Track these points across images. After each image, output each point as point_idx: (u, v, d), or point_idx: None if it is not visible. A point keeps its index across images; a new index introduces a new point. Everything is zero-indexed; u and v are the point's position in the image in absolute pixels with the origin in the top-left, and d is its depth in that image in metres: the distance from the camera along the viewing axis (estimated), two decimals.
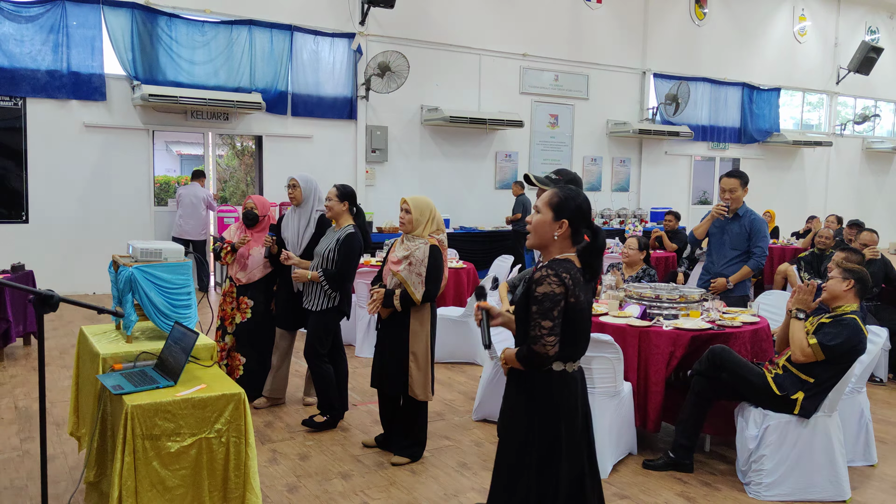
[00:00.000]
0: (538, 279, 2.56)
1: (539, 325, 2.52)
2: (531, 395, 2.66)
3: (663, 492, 3.99)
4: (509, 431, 2.74)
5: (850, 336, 3.82)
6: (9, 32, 9.20)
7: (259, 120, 10.94)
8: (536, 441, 2.64)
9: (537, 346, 2.52)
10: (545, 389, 2.64)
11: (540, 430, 2.64)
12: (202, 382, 3.20)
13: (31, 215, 9.58)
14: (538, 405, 2.65)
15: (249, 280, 5.13)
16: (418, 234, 4.22)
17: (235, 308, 5.18)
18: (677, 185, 15.62)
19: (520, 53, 13.16)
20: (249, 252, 5.12)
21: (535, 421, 2.65)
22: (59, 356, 6.62)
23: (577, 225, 2.66)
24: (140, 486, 2.94)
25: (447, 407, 5.39)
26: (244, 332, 5.14)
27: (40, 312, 2.38)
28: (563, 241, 2.66)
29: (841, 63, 17.52)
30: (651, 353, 4.33)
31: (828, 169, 17.99)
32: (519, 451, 2.68)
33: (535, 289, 2.55)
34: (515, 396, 2.72)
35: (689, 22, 15.23)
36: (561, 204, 2.65)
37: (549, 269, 2.57)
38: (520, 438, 2.68)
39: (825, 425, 3.91)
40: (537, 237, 2.69)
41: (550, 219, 2.65)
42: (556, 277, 2.54)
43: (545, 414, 2.64)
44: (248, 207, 5.23)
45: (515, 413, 2.71)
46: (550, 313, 2.52)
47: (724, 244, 5.37)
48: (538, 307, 2.53)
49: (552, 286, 2.53)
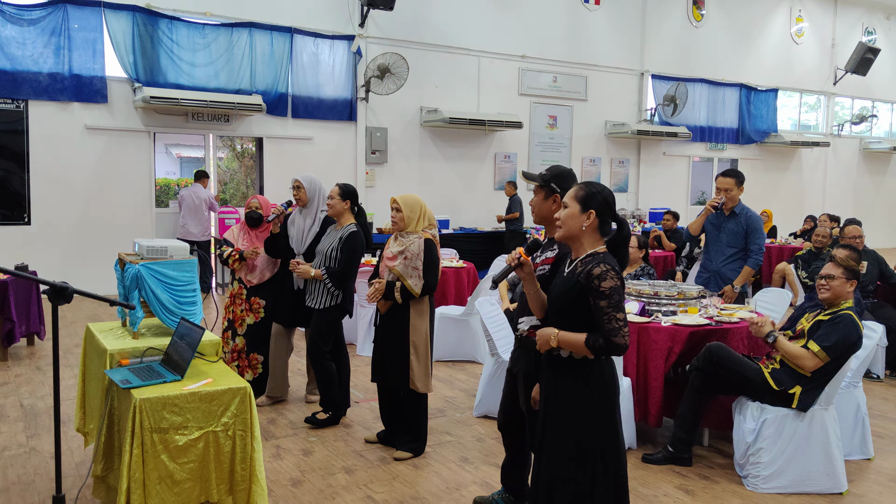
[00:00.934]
0: (600, 275, 2.62)
1: (615, 318, 2.61)
2: (588, 380, 2.71)
3: (662, 485, 4.04)
4: (563, 419, 2.74)
5: (849, 332, 3.87)
6: (11, 35, 9.26)
7: (259, 122, 11.01)
8: (597, 426, 2.70)
9: (618, 338, 2.61)
10: (599, 374, 2.72)
11: (599, 415, 2.71)
12: (208, 377, 3.26)
13: (33, 217, 9.63)
14: (597, 389, 2.71)
15: (260, 280, 5.19)
16: (411, 231, 4.27)
17: (247, 310, 5.22)
18: (676, 185, 15.69)
19: (518, 55, 13.23)
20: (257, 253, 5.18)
21: (592, 406, 2.71)
22: (62, 356, 6.66)
23: (604, 215, 2.76)
24: (148, 479, 2.99)
25: (448, 404, 5.44)
26: (259, 332, 5.19)
27: (55, 304, 2.43)
28: (591, 232, 2.76)
29: (838, 64, 17.61)
30: (650, 349, 4.39)
31: (825, 169, 18.07)
32: (583, 434, 2.71)
33: (600, 284, 2.62)
34: (569, 383, 2.74)
35: (686, 23, 15.31)
36: (587, 196, 2.76)
37: (605, 263, 2.65)
38: (582, 423, 2.71)
39: (822, 418, 3.96)
40: (567, 230, 2.79)
41: (578, 211, 2.76)
42: (613, 272, 2.64)
43: (604, 397, 2.72)
44: (252, 207, 5.27)
45: (570, 400, 2.73)
46: (620, 305, 2.63)
47: (721, 241, 5.43)
48: (608, 301, 2.62)
49: (615, 280, 2.63)
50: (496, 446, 4.55)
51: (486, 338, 5.02)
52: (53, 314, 2.49)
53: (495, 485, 4.00)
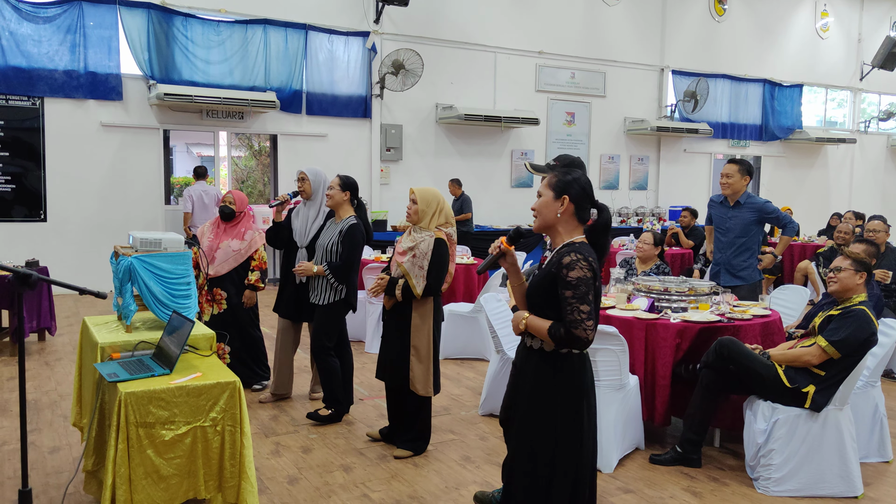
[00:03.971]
0: (568, 264, 2.54)
1: (577, 310, 2.52)
2: (554, 373, 2.64)
3: (669, 486, 3.91)
4: (529, 410, 2.69)
5: (861, 327, 3.72)
6: (27, 33, 9.33)
7: (274, 119, 10.99)
8: (559, 419, 2.63)
9: (578, 330, 2.52)
10: (568, 368, 2.64)
11: (563, 408, 2.64)
12: (198, 371, 3.20)
13: (49, 213, 9.70)
14: (561, 383, 2.64)
15: (217, 273, 5.20)
16: (425, 227, 4.18)
17: (208, 300, 5.25)
18: (697, 183, 15.43)
19: (535, 51, 13.08)
20: (218, 246, 5.20)
21: (558, 399, 2.64)
22: (72, 351, 6.68)
23: (580, 201, 2.67)
24: (134, 474, 2.94)
25: (454, 401, 5.35)
26: (221, 323, 5.18)
27: (18, 291, 2.39)
28: (567, 219, 2.67)
29: (864, 59, 17.21)
30: (658, 346, 4.26)
31: (852, 166, 17.68)
32: (540, 428, 2.65)
33: (567, 273, 2.53)
34: (535, 374, 2.68)
35: (708, 17, 15.05)
36: (559, 183, 2.68)
37: (577, 253, 2.56)
38: (541, 416, 2.65)
39: (836, 419, 3.81)
40: (542, 219, 2.71)
41: (551, 198, 2.68)
42: (585, 262, 2.55)
43: (568, 393, 2.64)
44: (227, 202, 5.30)
45: (536, 391, 2.67)
46: (587, 297, 2.54)
47: (729, 233, 5.30)
48: (574, 292, 2.52)
49: (584, 270, 2.54)
50: (500, 445, 4.45)
51: (491, 335, 4.92)
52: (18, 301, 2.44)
53: (496, 484, 3.89)
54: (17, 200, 9.53)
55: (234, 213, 5.28)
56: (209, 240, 5.27)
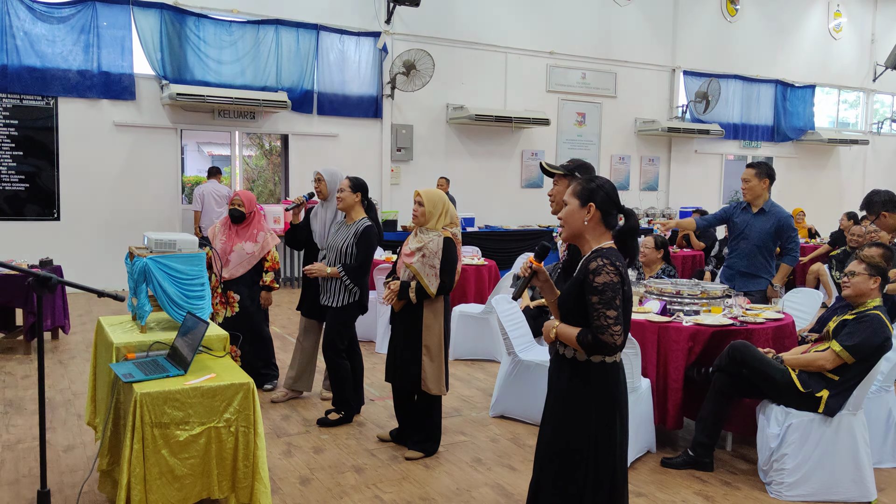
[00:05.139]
0: (595, 269, 2.52)
1: (604, 315, 2.50)
2: (587, 383, 2.62)
3: (681, 490, 3.90)
4: (562, 420, 2.67)
5: (875, 332, 3.70)
6: (41, 33, 9.40)
7: (285, 119, 11.02)
8: (594, 429, 2.61)
9: (605, 336, 2.50)
10: (601, 378, 2.61)
11: (597, 418, 2.61)
12: (213, 372, 3.21)
13: (63, 213, 9.77)
14: (595, 393, 2.61)
15: (232, 276, 5.19)
16: (431, 227, 4.19)
17: (222, 303, 5.23)
18: (708, 184, 15.37)
19: (546, 51, 13.07)
20: (232, 248, 5.17)
21: (591, 409, 2.61)
22: (85, 349, 6.73)
23: (606, 207, 2.65)
24: (149, 474, 2.96)
25: (464, 403, 5.35)
26: (234, 326, 5.17)
27: (39, 294, 2.41)
28: (595, 226, 2.65)
29: (878, 59, 17.10)
30: (670, 349, 4.25)
31: (864, 168, 17.57)
32: (574, 439, 2.62)
33: (594, 279, 2.52)
34: (568, 384, 2.65)
35: (720, 18, 14.99)
36: (584, 190, 2.66)
37: (603, 258, 2.54)
38: (575, 427, 2.63)
39: (850, 424, 3.79)
40: (569, 228, 2.69)
41: (577, 206, 2.66)
42: (612, 266, 2.53)
43: (602, 402, 2.62)
44: (235, 204, 5.23)
45: (569, 401, 2.65)
46: (613, 303, 2.52)
47: (749, 239, 5.26)
48: (600, 297, 2.51)
49: (610, 275, 2.52)
50: (511, 447, 4.45)
51: (502, 336, 4.92)
52: (39, 304, 2.46)
53: (507, 486, 3.90)
54: (31, 199, 9.60)
55: (245, 215, 5.23)
56: (222, 242, 5.23)
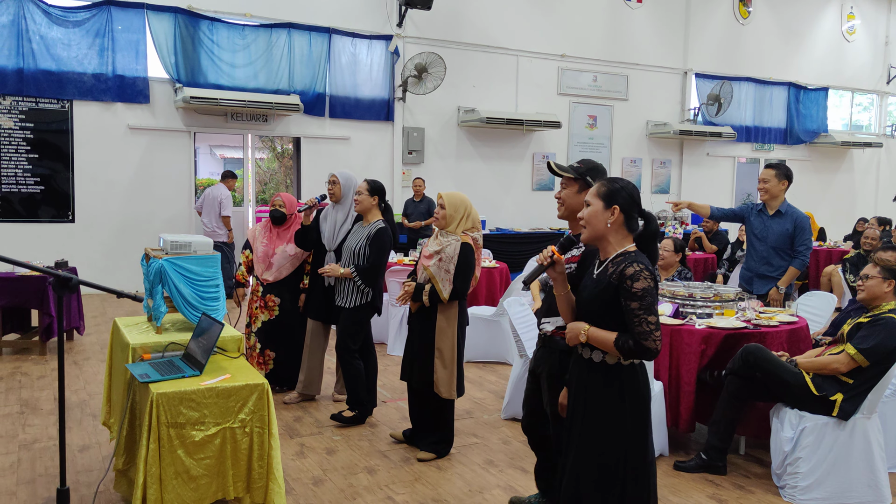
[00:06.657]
0: (632, 275, 2.52)
1: (646, 321, 2.50)
2: (621, 385, 2.61)
3: (694, 493, 3.89)
4: (592, 428, 2.64)
5: (890, 334, 3.69)
6: (56, 37, 9.49)
7: (297, 122, 11.08)
8: (630, 431, 2.61)
9: (648, 341, 2.50)
10: (632, 379, 2.62)
11: (632, 420, 2.61)
12: (227, 373, 3.24)
13: (78, 215, 9.85)
14: (628, 395, 2.61)
15: (277, 278, 5.19)
16: (452, 231, 4.21)
17: (261, 307, 5.23)
18: (720, 187, 15.31)
19: (558, 54, 13.07)
20: (275, 251, 5.18)
21: (626, 411, 2.61)
22: (100, 350, 6.78)
23: (629, 209, 2.64)
24: (164, 474, 2.99)
25: (476, 405, 5.36)
26: (272, 329, 5.18)
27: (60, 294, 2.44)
28: (617, 229, 2.64)
29: (892, 62, 17.00)
30: (682, 352, 4.24)
31: (878, 171, 17.46)
32: (611, 442, 2.62)
33: (633, 285, 2.51)
34: (602, 388, 2.63)
35: (732, 20, 14.94)
36: (609, 192, 2.65)
37: (638, 263, 2.54)
38: (608, 435, 2.62)
39: (864, 428, 3.77)
40: (591, 229, 2.67)
41: (601, 208, 2.64)
42: (647, 271, 2.53)
43: (635, 402, 2.62)
44: (276, 205, 5.26)
45: (600, 408, 2.63)
46: (653, 308, 2.52)
47: (766, 241, 5.25)
48: (640, 303, 2.51)
49: (648, 280, 2.52)
50: (523, 449, 4.46)
51: (514, 339, 4.93)
52: (59, 305, 2.49)
53: (519, 489, 3.90)
54: (46, 201, 9.69)
55: (286, 216, 5.25)
56: (263, 245, 5.24)
